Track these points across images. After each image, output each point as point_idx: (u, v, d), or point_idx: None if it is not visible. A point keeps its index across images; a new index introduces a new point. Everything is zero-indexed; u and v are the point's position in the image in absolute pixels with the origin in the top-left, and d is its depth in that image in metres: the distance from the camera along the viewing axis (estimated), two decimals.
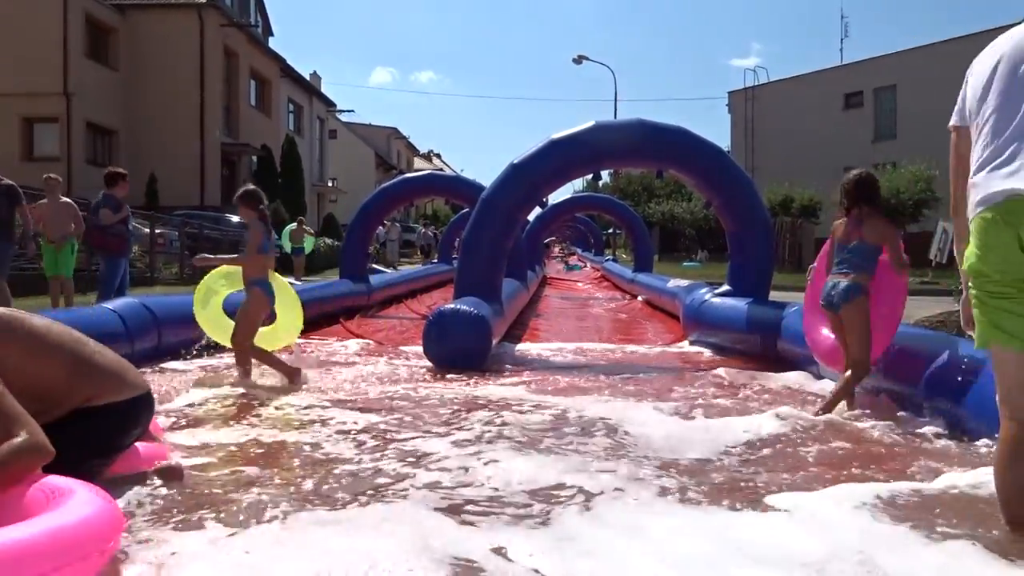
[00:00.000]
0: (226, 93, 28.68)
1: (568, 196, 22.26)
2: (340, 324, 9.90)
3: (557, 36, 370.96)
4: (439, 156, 72.20)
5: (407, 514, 2.74)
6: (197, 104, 26.64)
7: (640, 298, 15.15)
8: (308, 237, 19.23)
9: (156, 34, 26.38)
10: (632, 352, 7.97)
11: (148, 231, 17.18)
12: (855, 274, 4.57)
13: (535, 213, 14.80)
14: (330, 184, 40.26)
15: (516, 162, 7.84)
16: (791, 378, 5.93)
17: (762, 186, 18.69)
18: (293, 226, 18.78)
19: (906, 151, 28.49)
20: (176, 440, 3.79)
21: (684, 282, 11.75)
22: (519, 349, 7.94)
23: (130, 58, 26.44)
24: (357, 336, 8.73)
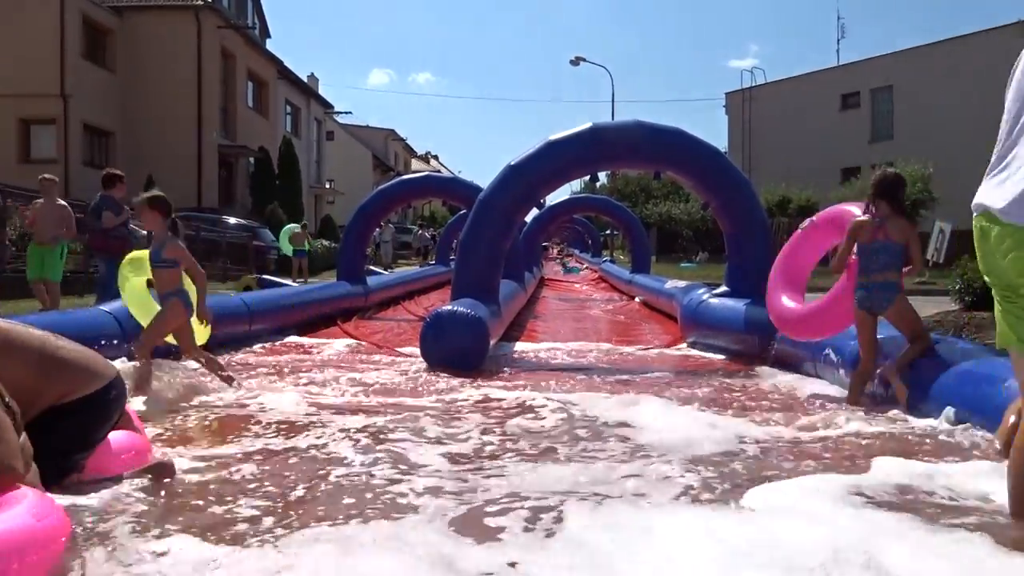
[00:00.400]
0: (223, 95, 28.64)
1: (566, 197, 22.24)
2: (337, 326, 9.89)
3: (555, 38, 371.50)
4: (436, 158, 72.14)
5: (414, 530, 2.57)
6: (194, 106, 26.60)
7: (638, 299, 15.14)
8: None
9: (153, 36, 26.33)
10: (630, 354, 7.96)
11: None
12: (887, 273, 4.71)
13: (532, 214, 14.81)
14: (327, 186, 40.20)
15: (513, 163, 7.84)
16: (790, 379, 5.94)
17: (759, 187, 18.67)
18: (292, 227, 18.75)
19: (903, 151, 28.48)
20: (163, 439, 3.75)
21: (682, 283, 11.72)
22: (516, 350, 7.93)
23: (127, 60, 26.38)
24: (354, 338, 8.72)
